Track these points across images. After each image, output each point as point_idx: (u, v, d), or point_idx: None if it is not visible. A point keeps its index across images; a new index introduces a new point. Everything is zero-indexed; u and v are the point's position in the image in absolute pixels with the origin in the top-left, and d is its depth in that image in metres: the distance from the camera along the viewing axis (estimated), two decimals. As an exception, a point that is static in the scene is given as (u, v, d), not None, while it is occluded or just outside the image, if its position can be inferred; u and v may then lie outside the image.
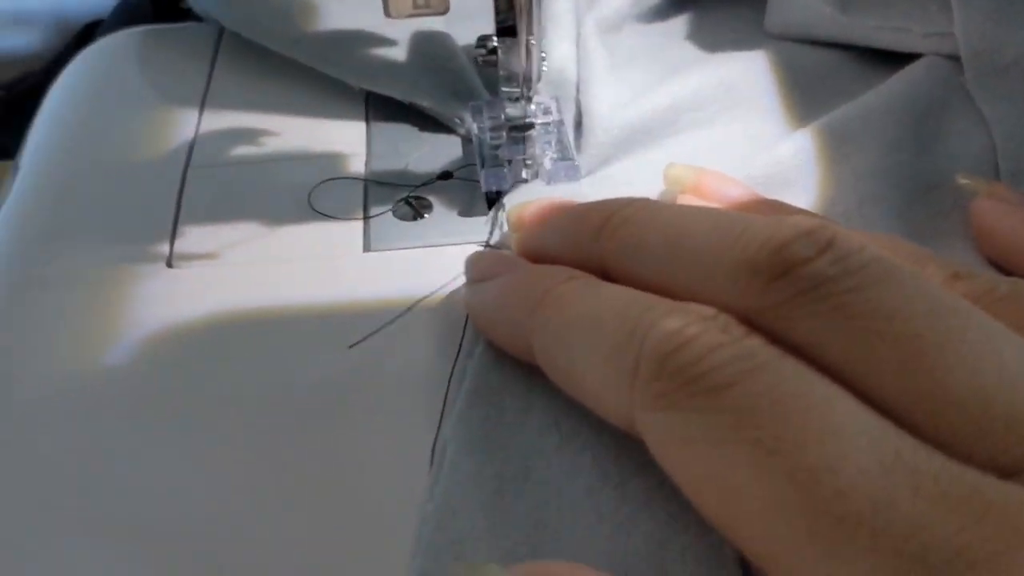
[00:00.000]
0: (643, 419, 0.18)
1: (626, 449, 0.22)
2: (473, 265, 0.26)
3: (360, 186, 0.33)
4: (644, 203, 0.22)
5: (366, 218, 0.31)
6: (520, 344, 0.23)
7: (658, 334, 0.18)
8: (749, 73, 0.37)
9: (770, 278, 0.18)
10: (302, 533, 0.23)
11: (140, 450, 0.25)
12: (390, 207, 0.32)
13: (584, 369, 0.20)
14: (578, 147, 0.34)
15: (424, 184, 0.32)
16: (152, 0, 0.47)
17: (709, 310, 0.18)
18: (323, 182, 0.33)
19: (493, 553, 0.21)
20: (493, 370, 0.25)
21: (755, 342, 0.17)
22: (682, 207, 0.23)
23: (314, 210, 0.32)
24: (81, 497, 0.24)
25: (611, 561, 0.21)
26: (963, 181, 0.29)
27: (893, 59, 0.36)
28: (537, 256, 0.25)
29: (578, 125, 0.35)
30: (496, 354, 0.25)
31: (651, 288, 0.20)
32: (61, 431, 0.26)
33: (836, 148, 0.32)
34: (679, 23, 0.42)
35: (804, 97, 0.36)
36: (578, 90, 0.35)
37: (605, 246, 0.22)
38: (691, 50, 0.40)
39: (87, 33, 0.58)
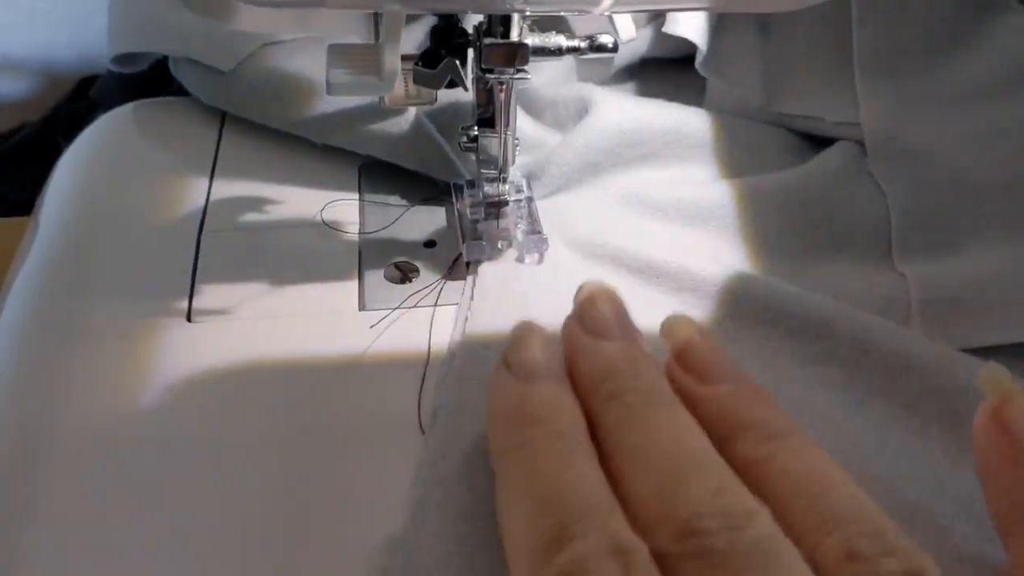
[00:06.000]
0: None
1: None
2: (517, 342, 0.27)
3: (355, 251, 0.37)
4: (645, 396, 0.25)
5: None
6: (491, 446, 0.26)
7: (564, 559, 0.21)
8: (696, 121, 0.42)
9: (679, 537, 0.22)
10: (303, 554, 0.27)
11: (161, 490, 0.29)
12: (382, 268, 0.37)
13: (511, 529, 0.24)
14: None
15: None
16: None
17: (627, 543, 0.21)
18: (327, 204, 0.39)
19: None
20: (479, 351, 0.32)
21: None
22: (668, 421, 0.25)
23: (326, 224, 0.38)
24: (107, 538, 0.28)
25: None
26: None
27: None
28: (569, 351, 0.27)
29: None
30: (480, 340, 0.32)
31: (621, 469, 0.24)
32: (87, 476, 0.29)
33: (752, 204, 0.39)
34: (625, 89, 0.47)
35: (739, 154, 0.42)
36: None
37: (602, 412, 0.25)
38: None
39: (82, 88, 0.61)
